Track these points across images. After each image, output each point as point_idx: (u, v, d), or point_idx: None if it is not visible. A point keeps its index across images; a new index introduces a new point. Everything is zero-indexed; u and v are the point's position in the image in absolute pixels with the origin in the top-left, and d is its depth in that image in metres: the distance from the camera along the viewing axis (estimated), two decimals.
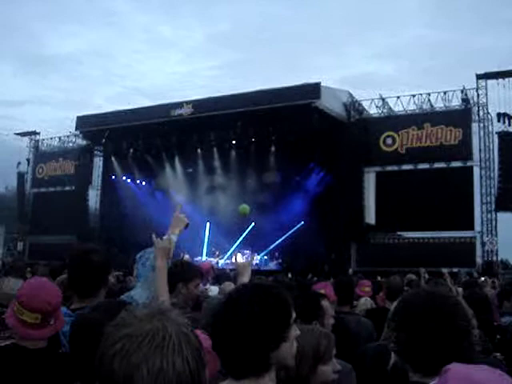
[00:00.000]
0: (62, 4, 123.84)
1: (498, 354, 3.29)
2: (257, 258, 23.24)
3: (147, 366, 1.00)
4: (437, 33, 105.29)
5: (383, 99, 23.27)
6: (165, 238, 3.12)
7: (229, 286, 5.22)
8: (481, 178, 21.55)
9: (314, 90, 21.05)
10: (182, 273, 3.79)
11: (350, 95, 23.43)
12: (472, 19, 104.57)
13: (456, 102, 21.91)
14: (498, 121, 21.18)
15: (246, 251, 23.53)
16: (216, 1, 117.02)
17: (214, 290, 5.42)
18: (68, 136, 30.03)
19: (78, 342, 2.21)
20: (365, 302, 6.01)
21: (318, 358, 2.44)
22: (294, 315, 1.83)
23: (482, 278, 12.42)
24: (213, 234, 25.05)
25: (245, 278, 3.20)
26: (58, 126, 64.36)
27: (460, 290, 6.05)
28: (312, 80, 21.71)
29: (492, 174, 21.56)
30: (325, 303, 3.59)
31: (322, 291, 4.47)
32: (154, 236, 3.01)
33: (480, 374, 1.08)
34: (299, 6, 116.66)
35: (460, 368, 1.10)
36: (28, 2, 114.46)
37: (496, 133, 21.36)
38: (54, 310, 2.51)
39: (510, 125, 21.00)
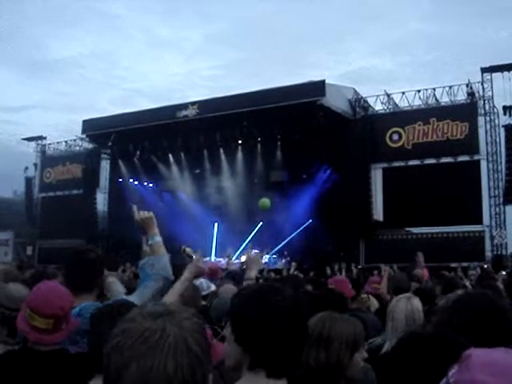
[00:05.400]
0: (63, 9, 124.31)
1: None
2: (265, 257, 23.27)
3: (137, 364, 1.00)
4: (436, 26, 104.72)
5: (388, 95, 23.16)
6: (150, 243, 3.03)
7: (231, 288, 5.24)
8: (488, 171, 21.45)
9: (318, 87, 21.04)
10: None
11: (355, 92, 23.38)
12: (472, 10, 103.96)
13: (461, 96, 21.78)
14: (504, 114, 21.06)
15: (254, 251, 23.62)
16: (214, 0, 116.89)
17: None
18: (74, 140, 30.10)
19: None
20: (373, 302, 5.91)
21: (356, 346, 2.46)
22: None
23: (485, 266, 12.36)
24: (221, 234, 25.06)
25: (252, 273, 3.20)
26: (62, 130, 64.30)
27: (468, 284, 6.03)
28: (313, 77, 21.78)
29: (499, 168, 21.43)
30: None
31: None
32: (196, 254, 3.02)
33: (498, 354, 1.05)
34: (297, 2, 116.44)
35: (480, 353, 1.06)
36: (29, 7, 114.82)
37: (502, 126, 21.25)
38: (66, 315, 2.48)
39: None
